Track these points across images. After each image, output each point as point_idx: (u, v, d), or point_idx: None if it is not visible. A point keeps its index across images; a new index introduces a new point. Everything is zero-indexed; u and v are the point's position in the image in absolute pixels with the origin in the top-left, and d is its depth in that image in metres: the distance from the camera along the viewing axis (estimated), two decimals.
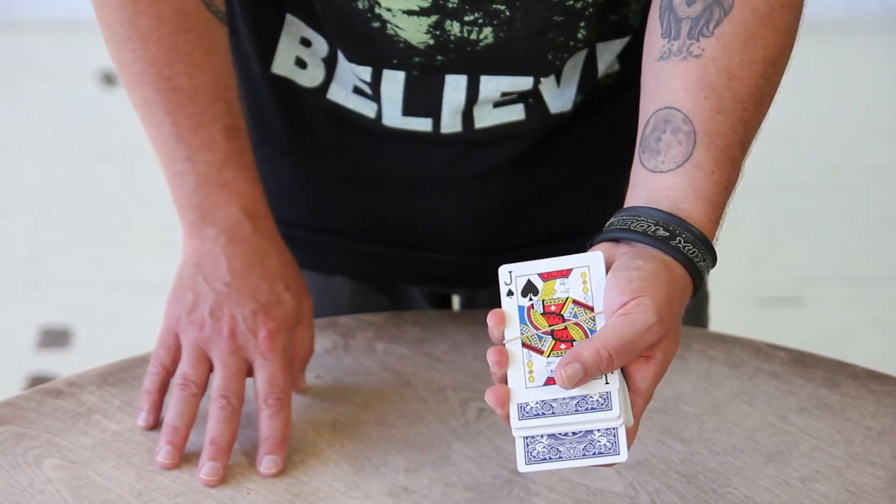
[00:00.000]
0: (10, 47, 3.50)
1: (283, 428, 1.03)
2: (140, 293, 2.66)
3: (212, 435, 1.02)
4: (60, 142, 3.14)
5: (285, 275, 1.09)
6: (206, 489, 1.00)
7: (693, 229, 0.94)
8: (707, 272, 0.95)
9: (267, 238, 1.10)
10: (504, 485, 1.01)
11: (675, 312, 0.92)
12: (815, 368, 1.11)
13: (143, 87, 1.09)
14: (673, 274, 0.93)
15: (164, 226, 2.88)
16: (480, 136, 1.16)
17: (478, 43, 1.09)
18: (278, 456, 1.02)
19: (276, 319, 1.06)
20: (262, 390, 1.04)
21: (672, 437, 1.05)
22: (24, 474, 1.01)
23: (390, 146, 1.17)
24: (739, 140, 0.98)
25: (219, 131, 1.10)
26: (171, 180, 1.11)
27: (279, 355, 1.05)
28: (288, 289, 1.08)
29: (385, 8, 1.08)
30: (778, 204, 2.92)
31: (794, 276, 2.73)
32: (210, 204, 1.09)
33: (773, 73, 1.00)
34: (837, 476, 1.01)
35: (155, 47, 1.08)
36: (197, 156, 1.09)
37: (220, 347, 1.05)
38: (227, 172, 1.10)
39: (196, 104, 1.09)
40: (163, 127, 1.10)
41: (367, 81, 1.13)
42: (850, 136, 3.15)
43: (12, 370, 2.51)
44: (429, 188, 1.19)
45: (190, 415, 1.04)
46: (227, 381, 1.04)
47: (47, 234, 2.86)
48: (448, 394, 1.09)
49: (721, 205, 0.97)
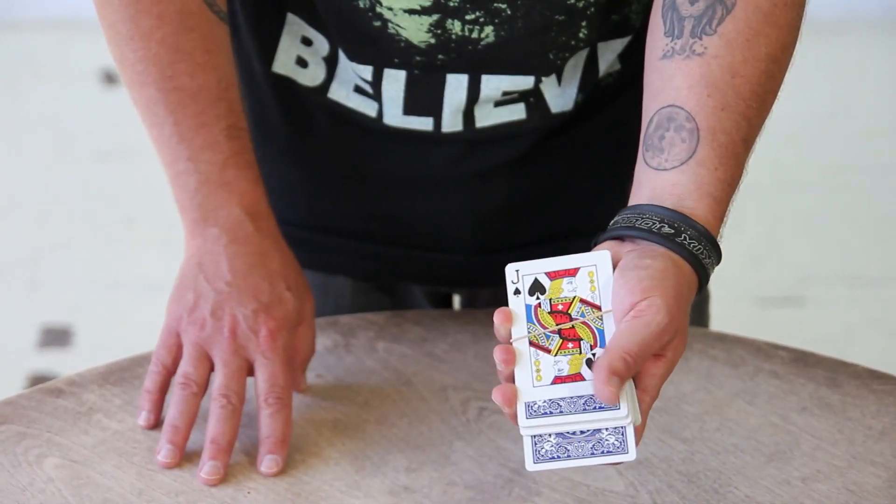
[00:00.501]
0: (11, 47, 3.50)
1: (283, 427, 1.03)
2: (141, 293, 2.66)
3: (212, 434, 1.02)
4: (61, 141, 3.14)
5: (287, 274, 1.09)
6: (206, 488, 1.00)
7: (698, 226, 0.94)
8: (712, 269, 0.95)
9: (268, 238, 1.10)
10: (505, 484, 1.01)
11: (683, 310, 0.92)
12: (816, 368, 1.11)
13: (145, 86, 1.09)
14: (680, 271, 0.93)
15: (165, 225, 2.88)
16: (481, 135, 1.16)
17: (479, 42, 1.09)
18: (279, 455, 1.02)
19: (278, 319, 1.06)
20: (263, 389, 1.04)
21: (673, 436, 1.05)
22: (25, 473, 1.01)
23: (391, 145, 1.17)
24: (743, 137, 0.98)
25: (220, 131, 1.09)
26: (172, 180, 1.11)
27: (280, 355, 1.05)
28: (289, 288, 1.08)
29: (386, 7, 1.07)
30: (779, 204, 2.92)
31: (795, 276, 2.73)
32: (212, 204, 1.09)
33: (777, 71, 1.00)
34: (839, 475, 1.01)
35: (157, 47, 1.08)
36: (199, 155, 1.09)
37: (221, 347, 1.05)
38: (229, 172, 1.10)
39: (198, 104, 1.09)
40: (165, 127, 1.09)
41: (368, 80, 1.13)
42: (852, 136, 3.15)
43: (13, 369, 2.51)
44: (430, 187, 1.19)
45: (191, 414, 1.04)
46: (228, 381, 1.04)
47: (48, 233, 2.86)
48: (449, 393, 1.09)
49: (725, 202, 0.97)
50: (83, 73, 3.36)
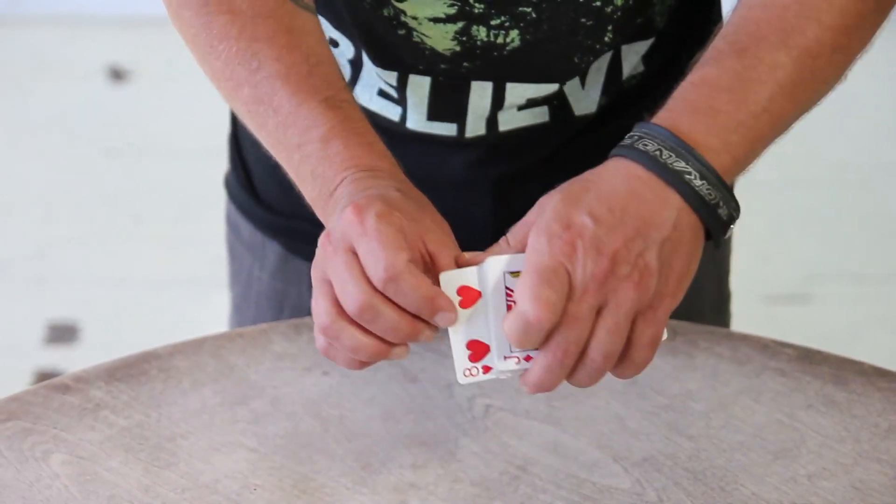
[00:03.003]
0: (19, 43, 3.50)
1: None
2: (147, 289, 2.66)
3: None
4: (68, 138, 3.14)
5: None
6: (212, 484, 1.00)
7: (657, 128, 0.92)
8: (679, 165, 0.91)
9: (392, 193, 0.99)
10: (511, 481, 1.01)
11: (586, 205, 0.90)
12: (822, 365, 1.11)
13: (239, 89, 1.02)
14: (617, 171, 0.91)
15: (172, 222, 2.90)
16: (504, 139, 1.15)
17: (504, 47, 1.09)
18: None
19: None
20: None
21: (679, 433, 1.05)
22: (32, 469, 1.01)
23: (413, 148, 1.16)
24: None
25: (318, 104, 1.00)
26: (300, 186, 1.02)
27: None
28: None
29: (411, 16, 1.07)
30: (785, 201, 2.92)
31: (801, 274, 2.73)
32: (328, 191, 0.99)
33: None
34: (845, 473, 1.01)
35: (235, 43, 1.02)
36: (303, 137, 1.00)
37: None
38: (333, 144, 0.99)
39: (290, 84, 1.00)
40: (268, 122, 1.01)
41: (393, 85, 1.13)
42: (859, 134, 3.15)
43: (19, 365, 2.51)
44: (451, 191, 1.18)
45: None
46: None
47: (55, 229, 2.86)
48: (455, 390, 1.09)
49: (715, 112, 0.93)
50: (91, 70, 3.36)
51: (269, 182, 1.27)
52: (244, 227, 1.31)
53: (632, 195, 0.90)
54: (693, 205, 0.91)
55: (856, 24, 0.98)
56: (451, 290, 0.93)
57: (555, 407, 1.06)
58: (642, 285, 0.89)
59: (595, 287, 0.88)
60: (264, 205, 1.28)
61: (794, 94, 0.96)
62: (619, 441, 1.03)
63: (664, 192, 0.90)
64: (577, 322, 0.88)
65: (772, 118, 0.94)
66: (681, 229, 0.90)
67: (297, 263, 1.28)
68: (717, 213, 0.91)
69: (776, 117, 0.95)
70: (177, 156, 3.03)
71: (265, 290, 1.32)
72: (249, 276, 1.33)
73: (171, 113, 3.19)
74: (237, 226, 1.33)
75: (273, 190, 1.27)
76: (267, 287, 1.31)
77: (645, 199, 0.90)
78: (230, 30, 1.02)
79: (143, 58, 3.33)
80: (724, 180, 0.92)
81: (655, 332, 0.90)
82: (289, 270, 1.29)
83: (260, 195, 1.29)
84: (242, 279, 1.35)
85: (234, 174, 1.32)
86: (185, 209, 2.83)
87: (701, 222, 0.92)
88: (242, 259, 1.34)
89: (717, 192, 0.91)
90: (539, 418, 1.05)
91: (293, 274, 1.29)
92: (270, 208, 1.28)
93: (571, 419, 1.05)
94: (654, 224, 0.89)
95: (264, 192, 1.28)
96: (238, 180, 1.31)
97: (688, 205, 0.91)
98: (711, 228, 0.92)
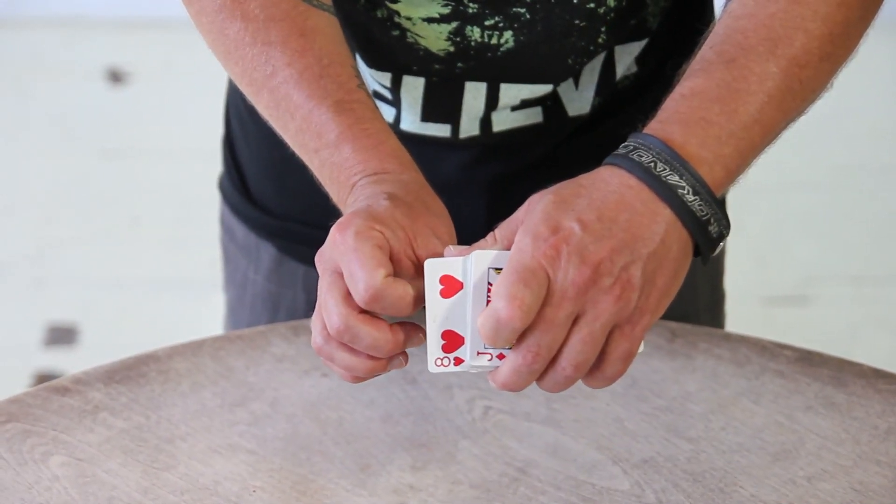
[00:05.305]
0: (17, 44, 3.50)
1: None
2: (146, 291, 2.66)
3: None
4: (67, 139, 3.14)
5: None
6: (212, 486, 1.00)
7: (650, 138, 0.91)
8: (666, 175, 0.90)
9: (401, 190, 1.00)
10: (510, 483, 1.01)
11: (575, 207, 0.89)
12: (821, 367, 1.11)
13: (259, 94, 1.02)
14: (606, 179, 0.90)
15: (171, 223, 2.90)
16: (498, 139, 1.15)
17: (498, 48, 1.09)
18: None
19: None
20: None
21: (678, 435, 1.05)
22: (31, 471, 1.01)
23: (407, 149, 1.16)
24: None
25: (328, 108, 1.00)
26: (323, 182, 1.02)
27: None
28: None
29: (405, 17, 1.07)
30: (784, 203, 2.92)
31: (800, 275, 2.73)
32: (344, 193, 1.01)
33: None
34: (844, 475, 1.01)
35: (250, 49, 1.02)
36: (319, 142, 1.00)
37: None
38: (344, 148, 1.00)
39: (302, 89, 1.00)
40: (289, 127, 1.01)
41: (387, 86, 1.13)
42: (857, 136, 3.15)
43: (19, 367, 2.51)
44: (445, 192, 1.18)
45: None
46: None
47: (54, 231, 2.86)
48: (454, 392, 1.09)
49: (702, 123, 0.93)
50: (89, 72, 3.36)
51: (262, 183, 1.27)
52: (238, 229, 1.31)
53: (622, 205, 0.90)
54: (684, 220, 0.90)
55: (841, 32, 0.98)
56: (435, 277, 0.92)
57: (554, 409, 1.06)
58: (623, 299, 0.88)
59: (574, 294, 0.87)
60: (258, 206, 1.28)
61: (784, 104, 0.95)
62: (618, 443, 1.03)
63: (655, 206, 0.89)
64: (552, 327, 0.88)
65: (762, 129, 0.94)
66: (668, 244, 0.90)
67: (292, 265, 1.28)
68: (707, 229, 0.91)
69: (766, 128, 0.95)
70: (175, 157, 3.03)
71: (260, 292, 1.31)
72: (244, 279, 1.33)
73: (170, 114, 3.19)
74: (231, 228, 1.33)
75: (267, 191, 1.27)
76: (261, 289, 1.31)
77: (635, 211, 0.89)
78: (244, 36, 1.02)
79: (142, 59, 3.33)
80: (717, 195, 0.91)
81: (631, 346, 0.90)
82: (283, 272, 1.29)
83: (253, 197, 1.28)
84: (237, 282, 1.34)
85: (227, 176, 1.32)
86: (184, 210, 2.83)
87: (691, 238, 0.91)
88: (237, 261, 1.34)
89: (709, 208, 0.90)
90: (538, 420, 1.05)
91: (287, 276, 1.29)
92: (264, 210, 1.28)
93: (571, 421, 1.05)
94: (641, 237, 0.89)
95: (258, 194, 1.28)
96: (232, 182, 1.30)
97: (678, 220, 0.90)
98: (701, 245, 0.91)
